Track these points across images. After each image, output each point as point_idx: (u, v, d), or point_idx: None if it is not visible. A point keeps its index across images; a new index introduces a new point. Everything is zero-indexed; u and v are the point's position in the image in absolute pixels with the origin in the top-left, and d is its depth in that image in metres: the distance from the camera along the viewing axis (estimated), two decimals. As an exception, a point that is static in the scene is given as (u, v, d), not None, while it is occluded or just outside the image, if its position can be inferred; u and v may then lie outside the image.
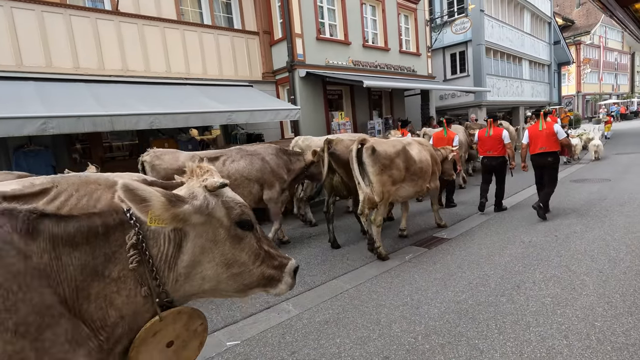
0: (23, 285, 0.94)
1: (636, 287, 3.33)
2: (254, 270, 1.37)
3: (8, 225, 0.99)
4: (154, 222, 1.14)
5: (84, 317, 1.06)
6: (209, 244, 1.26)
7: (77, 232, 1.08)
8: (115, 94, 6.71)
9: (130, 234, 1.15)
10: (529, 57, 20.71)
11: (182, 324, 1.28)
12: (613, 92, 40.64)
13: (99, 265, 1.10)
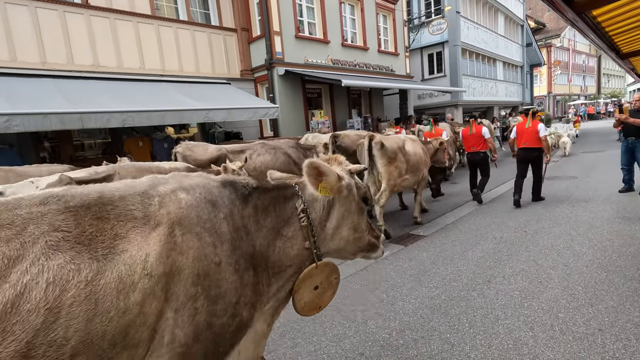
0: (242, 235, 1.32)
1: (597, 279, 3.52)
2: (366, 237, 1.76)
3: (233, 192, 1.38)
4: (323, 192, 1.50)
5: (268, 265, 1.41)
6: (346, 213, 1.63)
7: (270, 202, 1.47)
8: (85, 90, 6.48)
9: (298, 202, 1.52)
10: (503, 59, 21.38)
11: (325, 274, 1.65)
12: (581, 93, 42.57)
13: (281, 227, 1.47)
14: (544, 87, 36.48)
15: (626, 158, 6.64)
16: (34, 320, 0.89)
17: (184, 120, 6.99)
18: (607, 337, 2.61)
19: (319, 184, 1.49)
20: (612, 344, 2.54)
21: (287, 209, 1.50)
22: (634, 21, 3.49)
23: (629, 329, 2.68)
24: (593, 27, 3.11)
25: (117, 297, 1.01)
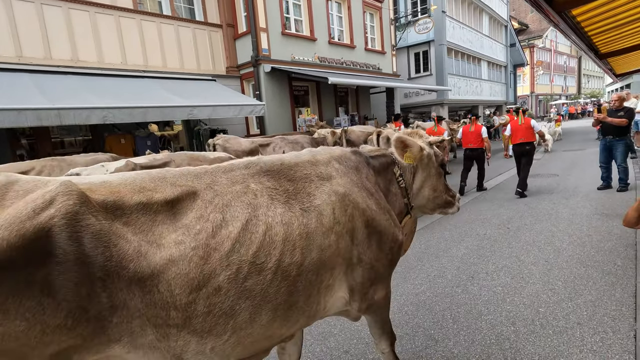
0: (375, 190, 1.77)
1: (576, 274, 3.60)
2: (443, 195, 2.18)
3: (362, 160, 1.83)
4: (408, 160, 1.96)
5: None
6: (427, 177, 2.06)
7: (382, 167, 1.94)
8: (63, 85, 6.27)
9: (396, 168, 1.98)
10: (488, 58, 21.73)
11: (413, 223, 2.17)
12: (562, 93, 43.68)
13: (389, 186, 1.97)
14: (527, 87, 37.29)
15: (604, 156, 6.83)
16: (280, 246, 1.30)
17: (168, 117, 6.85)
18: (585, 331, 2.68)
19: (405, 154, 1.94)
20: (590, 337, 2.60)
21: (390, 173, 1.97)
22: (612, 22, 3.58)
23: (606, 322, 2.75)
24: (573, 27, 3.17)
25: (322, 236, 1.42)
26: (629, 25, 3.88)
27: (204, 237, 1.18)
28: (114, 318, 1.07)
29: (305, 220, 1.39)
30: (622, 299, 3.06)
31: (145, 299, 1.09)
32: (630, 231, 4.53)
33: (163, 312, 1.12)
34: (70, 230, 0.99)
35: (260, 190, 1.37)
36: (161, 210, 1.17)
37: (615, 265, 3.71)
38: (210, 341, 1.22)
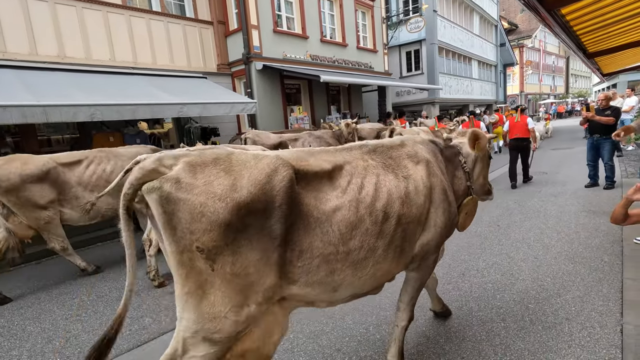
0: (445, 172, 2.22)
1: (565, 270, 3.65)
2: (487, 184, 2.69)
3: (436, 147, 2.28)
4: (477, 150, 2.38)
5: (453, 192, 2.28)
6: (482, 165, 2.54)
7: (450, 154, 2.39)
8: (50, 82, 6.14)
9: (461, 157, 2.42)
10: (478, 58, 21.93)
11: (473, 204, 2.53)
12: (551, 92, 44.34)
13: (455, 171, 2.40)
14: (516, 86, 37.74)
15: (591, 155, 6.95)
16: (397, 203, 1.82)
17: (158, 115, 6.74)
18: (573, 326, 2.72)
19: (476, 145, 2.36)
20: (578, 332, 2.64)
21: (456, 161, 2.41)
22: (600, 21, 3.63)
23: (594, 318, 2.80)
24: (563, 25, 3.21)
25: (415, 197, 1.93)
26: (616, 25, 3.94)
27: (353, 194, 1.72)
28: (298, 262, 1.56)
29: (406, 184, 1.92)
30: (609, 295, 3.12)
31: (324, 239, 1.59)
32: (616, 228, 4.61)
33: (334, 249, 1.62)
34: (289, 190, 1.48)
35: (375, 163, 1.93)
36: (324, 176, 1.70)
37: (602, 262, 3.77)
38: (358, 273, 1.74)
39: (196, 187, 1.34)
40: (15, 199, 4.00)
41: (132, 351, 2.90)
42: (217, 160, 1.44)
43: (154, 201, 1.34)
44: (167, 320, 3.34)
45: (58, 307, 3.79)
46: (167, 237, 1.37)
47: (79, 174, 4.42)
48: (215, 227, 1.34)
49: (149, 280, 4.12)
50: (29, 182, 4.01)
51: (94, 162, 4.57)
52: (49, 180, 4.17)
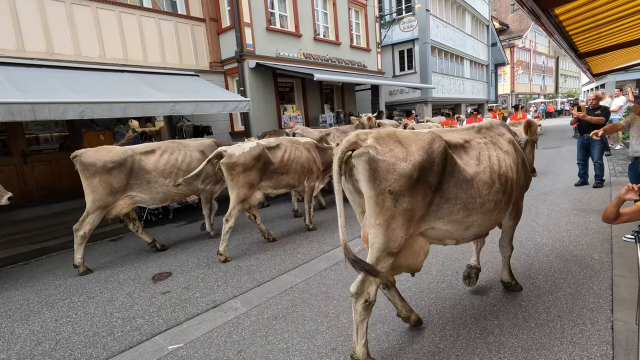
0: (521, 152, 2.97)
1: (556, 268, 3.70)
2: (532, 162, 3.30)
3: (508, 130, 3.00)
4: (530, 135, 3.13)
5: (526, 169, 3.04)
6: (531, 147, 3.23)
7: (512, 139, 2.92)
8: (38, 79, 6.01)
9: (521, 142, 3.06)
10: (470, 57, 22.09)
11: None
12: (541, 92, 44.90)
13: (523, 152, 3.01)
14: (507, 86, 38.13)
15: (582, 154, 7.05)
16: (509, 170, 2.62)
17: (149, 113, 6.64)
18: (565, 323, 2.75)
19: (529, 130, 3.11)
20: (570, 329, 2.67)
21: (516, 144, 2.90)
22: (591, 21, 3.68)
23: (585, 314, 2.84)
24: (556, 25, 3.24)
25: (514, 165, 2.69)
26: (608, 26, 4.00)
27: (486, 163, 2.48)
28: (445, 205, 2.29)
29: (508, 156, 2.67)
30: (599, 292, 3.16)
31: (467, 192, 2.32)
32: (606, 226, 4.68)
33: (473, 200, 2.36)
34: (444, 154, 2.20)
35: (486, 141, 2.66)
36: (461, 147, 2.45)
37: (592, 259, 3.83)
38: (486, 218, 2.51)
39: (386, 152, 2.08)
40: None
41: (124, 352, 2.85)
42: (391, 135, 2.19)
43: (362, 162, 2.08)
44: (160, 321, 3.30)
45: (47, 309, 3.72)
46: (369, 185, 2.10)
47: (154, 161, 5.08)
48: (401, 178, 2.07)
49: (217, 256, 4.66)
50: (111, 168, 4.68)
51: (167, 151, 5.24)
52: (126, 167, 4.81)
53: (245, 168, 4.73)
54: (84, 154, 4.62)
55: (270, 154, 5.10)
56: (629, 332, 2.56)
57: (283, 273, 4.18)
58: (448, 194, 2.26)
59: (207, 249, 5.22)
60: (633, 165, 3.98)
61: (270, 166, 5.08)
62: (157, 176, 5.06)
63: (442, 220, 2.33)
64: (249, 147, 4.88)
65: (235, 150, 4.75)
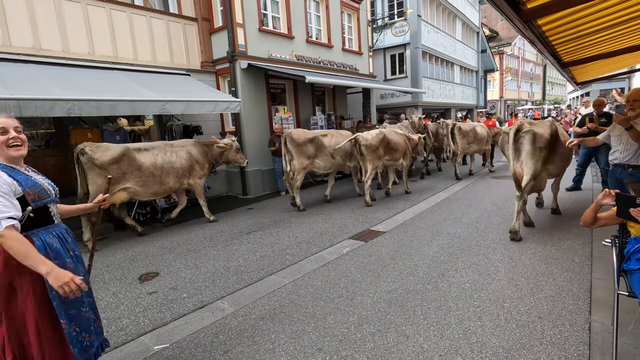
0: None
1: (538, 270, 3.80)
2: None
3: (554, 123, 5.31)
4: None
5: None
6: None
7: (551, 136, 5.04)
8: (24, 75, 5.90)
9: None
10: (460, 63, 22.41)
11: None
12: (529, 98, 45.78)
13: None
14: (496, 92, 38.78)
15: (583, 160, 7.06)
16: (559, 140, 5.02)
17: (138, 112, 6.57)
18: (545, 324, 2.83)
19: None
20: (549, 330, 2.75)
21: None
22: (574, 32, 3.80)
23: (564, 316, 2.92)
24: (539, 35, 3.34)
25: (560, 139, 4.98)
26: (590, 37, 4.13)
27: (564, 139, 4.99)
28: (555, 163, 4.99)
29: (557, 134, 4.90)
30: (578, 294, 3.26)
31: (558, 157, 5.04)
32: (586, 230, 4.82)
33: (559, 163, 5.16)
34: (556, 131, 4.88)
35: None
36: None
37: (573, 262, 3.94)
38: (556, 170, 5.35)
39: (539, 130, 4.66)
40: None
41: (109, 353, 2.83)
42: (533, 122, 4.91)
43: (528, 134, 4.57)
44: (146, 321, 3.28)
45: (30, 309, 3.65)
46: (530, 144, 4.56)
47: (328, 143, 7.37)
48: (545, 141, 4.56)
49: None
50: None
51: (335, 136, 7.57)
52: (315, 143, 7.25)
53: (375, 147, 7.14)
54: None
55: (389, 138, 7.48)
56: (605, 333, 2.64)
57: (271, 274, 4.20)
58: (554, 157, 4.78)
59: (195, 249, 5.20)
60: (613, 172, 4.11)
61: (389, 145, 7.49)
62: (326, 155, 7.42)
63: (552, 164, 4.89)
64: (375, 133, 7.29)
65: (367, 136, 7.15)
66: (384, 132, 7.41)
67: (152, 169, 5.81)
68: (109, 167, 5.35)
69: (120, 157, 5.49)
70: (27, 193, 1.82)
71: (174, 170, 6.10)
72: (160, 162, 5.94)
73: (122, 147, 5.64)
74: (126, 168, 5.56)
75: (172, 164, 6.09)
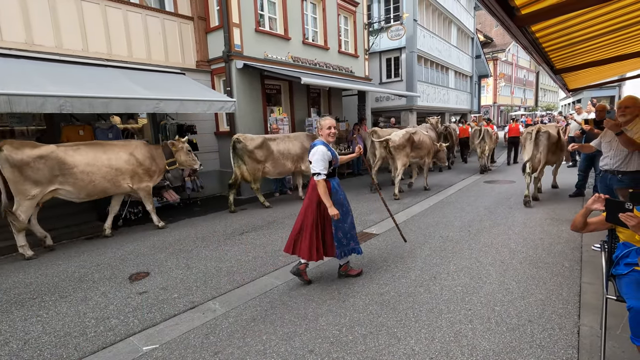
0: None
1: (529, 275, 3.83)
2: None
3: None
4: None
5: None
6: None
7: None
8: (15, 70, 5.81)
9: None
10: (455, 68, 22.61)
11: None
12: (522, 104, 46.36)
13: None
14: (490, 97, 39.20)
15: (584, 165, 7.10)
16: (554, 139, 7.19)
17: (132, 110, 6.52)
18: (535, 327, 2.85)
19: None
20: (539, 334, 2.77)
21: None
22: (566, 39, 3.86)
23: (554, 320, 2.95)
24: (532, 42, 3.38)
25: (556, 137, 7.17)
26: (582, 44, 4.20)
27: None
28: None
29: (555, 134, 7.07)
30: (568, 298, 3.29)
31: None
32: (576, 235, 4.88)
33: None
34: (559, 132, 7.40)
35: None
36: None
37: (563, 267, 3.98)
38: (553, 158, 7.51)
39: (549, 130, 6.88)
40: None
41: (97, 353, 2.79)
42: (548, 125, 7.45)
43: (544, 133, 6.72)
44: (135, 321, 3.24)
45: (16, 308, 3.59)
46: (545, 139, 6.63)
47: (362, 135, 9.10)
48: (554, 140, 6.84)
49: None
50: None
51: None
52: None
53: (402, 146, 8.03)
54: None
55: (414, 137, 8.26)
56: (593, 337, 2.67)
57: (263, 275, 4.17)
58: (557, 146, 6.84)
59: (187, 249, 5.15)
60: (602, 178, 4.17)
61: (414, 144, 8.26)
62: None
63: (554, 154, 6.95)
64: (402, 134, 8.10)
65: (395, 137, 8.03)
66: (410, 132, 8.27)
67: (277, 154, 7.74)
68: (255, 152, 7.29)
69: (261, 145, 7.42)
70: (332, 160, 3.52)
71: (291, 156, 7.98)
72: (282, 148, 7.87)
73: (262, 137, 7.59)
74: (265, 153, 7.49)
75: (289, 150, 7.99)
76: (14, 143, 5.00)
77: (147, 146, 6.37)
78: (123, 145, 6.08)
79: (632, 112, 3.68)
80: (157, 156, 6.40)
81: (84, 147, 5.65)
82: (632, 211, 2.18)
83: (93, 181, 5.57)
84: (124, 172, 5.89)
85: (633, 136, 3.59)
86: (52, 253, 5.28)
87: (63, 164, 5.29)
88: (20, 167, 4.92)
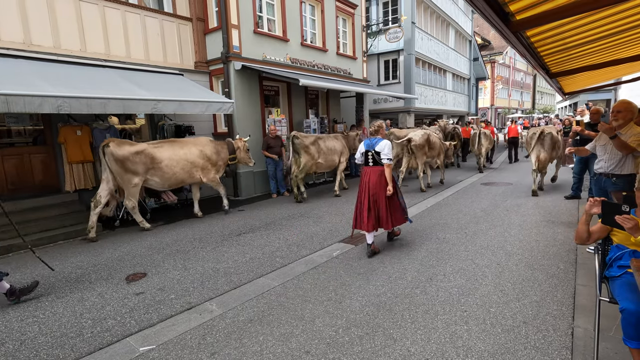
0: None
1: (524, 276, 3.86)
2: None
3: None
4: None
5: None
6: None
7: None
8: (13, 70, 5.81)
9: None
10: (453, 70, 22.71)
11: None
12: (519, 107, 46.59)
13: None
14: (487, 100, 39.37)
15: (579, 167, 7.13)
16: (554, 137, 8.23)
17: (130, 110, 6.52)
18: (530, 329, 2.88)
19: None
20: (534, 335, 2.80)
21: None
22: (561, 44, 3.90)
23: (549, 321, 2.98)
24: (527, 47, 3.42)
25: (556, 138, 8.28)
26: (577, 49, 4.25)
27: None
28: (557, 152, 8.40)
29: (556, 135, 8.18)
30: (562, 300, 3.32)
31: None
32: (571, 237, 4.92)
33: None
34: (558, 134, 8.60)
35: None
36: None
37: (558, 269, 4.02)
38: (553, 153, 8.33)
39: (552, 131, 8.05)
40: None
41: (93, 354, 2.79)
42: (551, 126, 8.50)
43: (549, 134, 7.77)
44: (132, 322, 3.24)
45: (12, 308, 3.58)
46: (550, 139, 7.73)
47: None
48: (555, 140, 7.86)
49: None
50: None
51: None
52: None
53: (422, 145, 8.80)
54: None
55: (430, 138, 9.03)
56: (587, 338, 2.70)
57: (260, 276, 4.19)
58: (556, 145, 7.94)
59: (184, 250, 5.15)
60: (597, 181, 4.21)
61: (430, 144, 9.02)
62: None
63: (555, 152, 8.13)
64: (421, 134, 8.88)
65: (416, 137, 8.75)
66: (428, 133, 9.04)
67: (326, 149, 8.58)
68: (310, 147, 8.11)
69: (314, 141, 8.29)
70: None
71: (337, 152, 8.89)
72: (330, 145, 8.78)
73: (315, 136, 8.52)
74: (318, 149, 8.32)
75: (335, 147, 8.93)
76: (116, 141, 6.04)
77: (213, 142, 7.33)
78: (194, 142, 7.00)
79: (624, 117, 3.72)
80: (221, 151, 7.32)
81: (166, 144, 6.64)
82: (628, 213, 2.21)
83: (175, 173, 6.51)
84: (197, 165, 6.83)
85: (626, 140, 3.64)
86: (48, 253, 5.27)
87: (153, 158, 6.24)
88: (123, 161, 5.93)
